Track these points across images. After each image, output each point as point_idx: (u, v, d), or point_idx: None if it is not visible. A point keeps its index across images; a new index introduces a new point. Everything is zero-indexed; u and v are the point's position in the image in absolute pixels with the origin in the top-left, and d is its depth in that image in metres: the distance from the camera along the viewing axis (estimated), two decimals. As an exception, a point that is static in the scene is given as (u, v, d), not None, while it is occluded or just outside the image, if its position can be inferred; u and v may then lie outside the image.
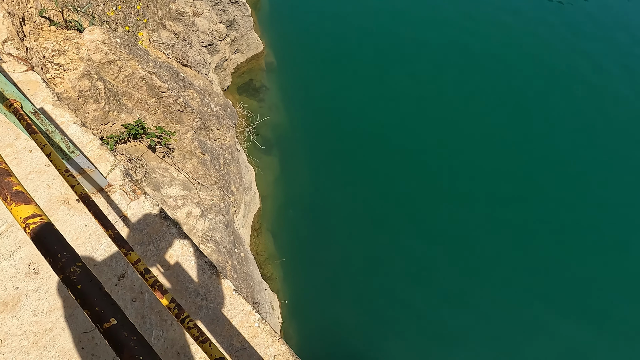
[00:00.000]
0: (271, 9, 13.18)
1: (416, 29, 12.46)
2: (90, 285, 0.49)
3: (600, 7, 13.82)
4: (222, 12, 9.70)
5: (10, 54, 2.71)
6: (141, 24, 5.55)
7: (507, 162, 9.72)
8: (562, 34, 12.67)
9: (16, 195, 0.51)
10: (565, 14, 13.43)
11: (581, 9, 13.73)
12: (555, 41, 12.45)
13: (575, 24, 13.10)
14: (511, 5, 13.61)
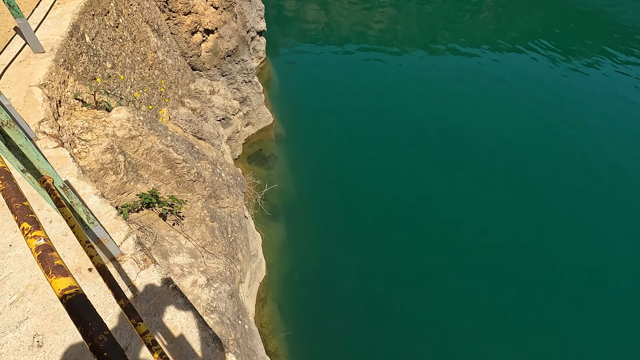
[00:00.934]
0: (281, 86, 14.35)
1: (413, 101, 13.32)
2: (115, 353, 0.53)
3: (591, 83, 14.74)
4: (236, 90, 10.58)
5: (44, 132, 2.99)
6: (163, 102, 6.08)
7: (507, 228, 9.62)
8: (551, 105, 13.40)
9: (57, 268, 0.58)
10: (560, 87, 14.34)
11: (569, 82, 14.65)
12: (546, 112, 13.11)
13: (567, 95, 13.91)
14: (500, 77, 14.65)
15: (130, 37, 5.87)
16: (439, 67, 15.45)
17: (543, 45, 16.72)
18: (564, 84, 14.47)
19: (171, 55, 7.77)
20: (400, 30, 18.32)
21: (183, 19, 8.28)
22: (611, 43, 17.02)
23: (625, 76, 15.03)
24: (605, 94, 14.02)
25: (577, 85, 14.41)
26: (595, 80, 14.71)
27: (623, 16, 19.22)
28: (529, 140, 11.95)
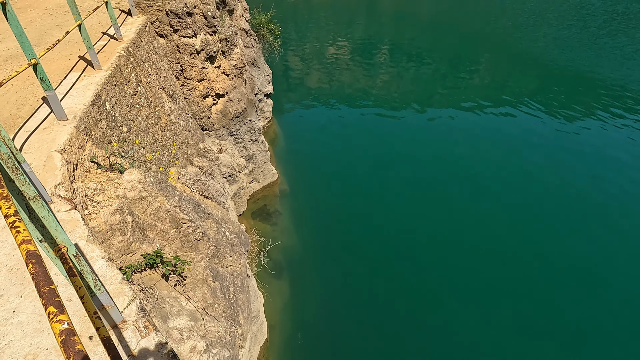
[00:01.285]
0: (286, 144, 14.90)
1: (412, 158, 13.67)
2: None
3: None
4: (243, 148, 11.00)
5: (59, 196, 3.12)
6: (173, 162, 6.33)
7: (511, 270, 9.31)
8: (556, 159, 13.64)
9: (77, 353, 0.62)
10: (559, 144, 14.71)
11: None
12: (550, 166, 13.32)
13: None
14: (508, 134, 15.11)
15: (147, 102, 6.31)
16: (438, 124, 16.10)
17: (536, 104, 17.51)
18: (557, 140, 14.90)
19: (183, 117, 8.24)
20: (400, 91, 19.41)
21: (196, 85, 8.92)
22: (600, 101, 17.81)
23: (615, 132, 15.49)
24: (598, 149, 14.35)
25: (571, 141, 14.82)
26: (588, 136, 15.15)
27: (609, 76, 20.34)
28: (518, 195, 12.02)
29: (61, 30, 6.60)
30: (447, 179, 12.70)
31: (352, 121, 16.32)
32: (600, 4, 36.83)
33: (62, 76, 5.02)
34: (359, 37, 27.82)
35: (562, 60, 22.92)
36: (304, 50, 24.82)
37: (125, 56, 5.91)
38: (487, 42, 26.56)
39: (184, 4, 7.81)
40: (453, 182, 12.58)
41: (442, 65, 22.63)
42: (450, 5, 36.96)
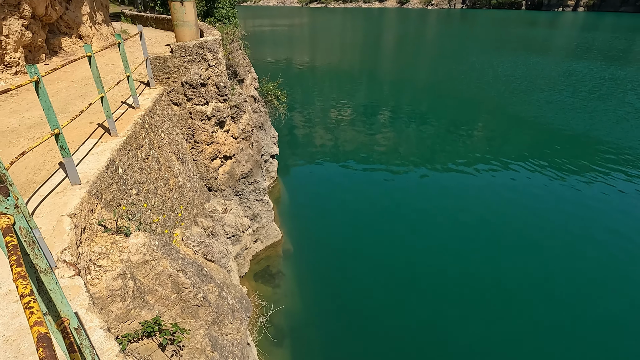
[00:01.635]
0: (291, 203, 15.03)
1: (416, 216, 13.63)
2: None
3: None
4: (248, 208, 11.10)
5: (64, 261, 3.13)
6: (178, 223, 6.39)
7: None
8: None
9: None
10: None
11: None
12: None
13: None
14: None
15: (157, 165, 6.56)
16: (438, 183, 16.30)
17: (533, 164, 17.84)
18: (554, 198, 14.90)
19: (191, 178, 8.48)
20: (401, 151, 19.99)
21: (205, 148, 9.31)
22: (597, 162, 18.11)
23: (617, 192, 15.52)
24: (601, 209, 14.26)
25: (569, 200, 14.81)
26: (588, 195, 15.16)
27: (605, 138, 20.93)
28: (523, 256, 11.72)
29: (84, 100, 7.12)
30: (450, 235, 12.54)
31: (356, 181, 16.61)
32: (586, 71, 39.28)
33: (80, 142, 5.31)
34: (360, 101, 29.45)
35: (556, 122, 23.84)
36: (308, 113, 26.18)
37: (141, 123, 6.29)
38: (482, 106, 27.92)
39: (198, 76, 8.49)
40: (456, 237, 12.42)
41: (441, 127, 23.57)
42: (445, 72, 39.61)
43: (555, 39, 71.25)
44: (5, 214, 1.26)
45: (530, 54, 50.77)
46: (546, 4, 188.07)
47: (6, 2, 7.75)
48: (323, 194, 15.55)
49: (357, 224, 13.33)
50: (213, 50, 8.74)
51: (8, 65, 7.91)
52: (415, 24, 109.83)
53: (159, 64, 8.20)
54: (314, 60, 48.76)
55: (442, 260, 11.47)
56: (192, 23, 10.17)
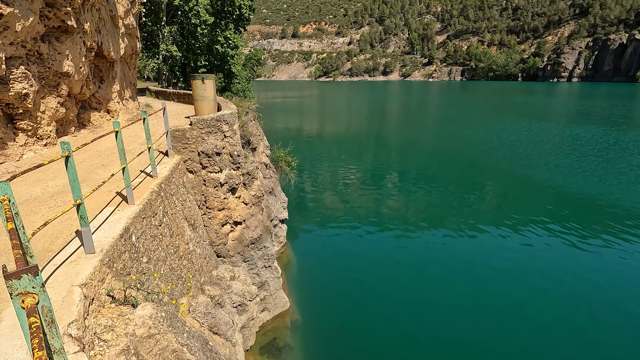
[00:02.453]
0: (299, 270, 14.66)
1: (427, 284, 13.05)
2: None
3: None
4: (256, 275, 10.86)
5: (70, 335, 3.07)
6: (185, 292, 6.26)
7: None
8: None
9: None
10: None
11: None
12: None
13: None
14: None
15: (169, 232, 6.65)
16: (448, 249, 15.89)
17: (544, 229, 17.43)
18: (570, 265, 14.26)
19: (200, 245, 8.49)
20: (410, 215, 19.87)
21: (217, 214, 9.46)
22: (609, 226, 17.63)
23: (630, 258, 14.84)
24: (614, 276, 13.53)
25: (583, 265, 14.14)
26: (605, 261, 14.50)
27: (620, 203, 20.62)
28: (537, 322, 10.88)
29: (106, 169, 7.51)
30: (462, 304, 11.86)
31: (365, 246, 16.32)
32: (590, 135, 40.23)
33: (98, 210, 5.49)
34: (368, 166, 30.19)
35: (566, 186, 23.81)
36: (318, 178, 26.78)
37: (157, 191, 6.54)
38: (490, 170, 28.29)
39: (214, 145, 8.98)
40: (467, 306, 11.71)
41: (448, 191, 23.68)
42: (451, 138, 40.96)
43: (555, 106, 74.38)
44: (32, 293, 1.31)
45: (532, 120, 52.69)
46: (541, 75, 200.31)
47: (47, 83, 8.64)
48: (332, 260, 15.22)
49: (368, 293, 12.79)
50: (229, 122, 9.35)
51: (40, 138, 8.53)
52: (418, 94, 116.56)
53: (178, 135, 8.75)
54: (323, 128, 51.26)
55: (454, 331, 10.71)
56: (211, 98, 11.06)
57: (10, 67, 7.15)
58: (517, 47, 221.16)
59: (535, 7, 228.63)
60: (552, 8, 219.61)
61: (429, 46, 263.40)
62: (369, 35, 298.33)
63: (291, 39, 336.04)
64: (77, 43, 9.09)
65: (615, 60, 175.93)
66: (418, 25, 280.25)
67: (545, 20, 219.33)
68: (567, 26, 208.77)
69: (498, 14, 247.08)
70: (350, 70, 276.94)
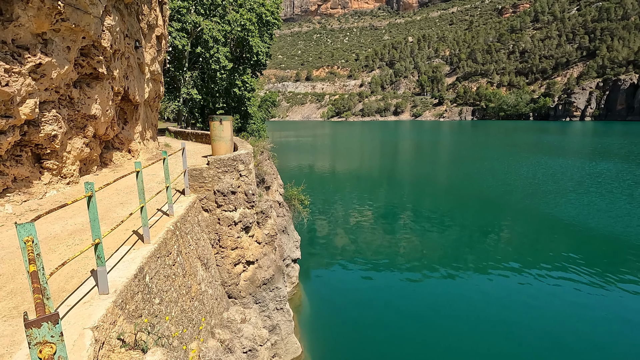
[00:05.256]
0: (312, 312, 14.13)
1: (443, 325, 12.33)
2: None
3: None
4: (267, 317, 10.50)
5: (78, 383, 2.95)
6: (196, 336, 6.06)
7: None
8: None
9: None
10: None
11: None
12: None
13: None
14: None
15: (182, 272, 6.58)
16: (465, 289, 15.17)
17: (569, 270, 16.56)
18: (593, 310, 13.30)
19: (212, 285, 8.34)
20: (424, 255, 19.28)
21: (230, 253, 9.38)
22: (636, 267, 16.66)
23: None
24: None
25: (611, 311, 13.18)
26: (626, 305, 13.52)
27: (647, 244, 19.61)
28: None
29: (124, 207, 7.64)
30: (480, 343, 11.06)
31: (379, 287, 15.75)
32: (611, 172, 39.29)
33: (115, 249, 5.51)
34: (381, 204, 29.92)
35: (591, 224, 22.94)
36: (330, 216, 26.58)
37: (172, 230, 6.57)
38: (507, 208, 27.64)
39: (230, 184, 9.11)
40: (486, 345, 10.89)
41: (465, 230, 23.07)
42: (466, 176, 40.60)
43: (570, 144, 73.69)
44: (50, 342, 1.28)
45: (550, 157, 52.10)
46: (553, 115, 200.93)
47: (75, 125, 9.10)
48: (346, 301, 14.66)
49: (382, 337, 12.13)
50: (245, 162, 9.54)
51: (63, 177, 8.83)
52: (430, 133, 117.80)
53: (196, 174, 8.94)
54: (336, 166, 51.75)
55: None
56: (228, 138, 11.40)
57: (42, 110, 7.59)
58: (527, 88, 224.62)
59: (543, 50, 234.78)
60: (559, 51, 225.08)
61: (439, 87, 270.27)
62: (380, 77, 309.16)
63: (305, 82, 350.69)
64: (105, 88, 9.67)
65: (628, 99, 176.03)
66: (427, 68, 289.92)
67: (553, 62, 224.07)
68: (576, 67, 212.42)
69: (506, 57, 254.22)
70: (362, 110, 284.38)
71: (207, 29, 25.36)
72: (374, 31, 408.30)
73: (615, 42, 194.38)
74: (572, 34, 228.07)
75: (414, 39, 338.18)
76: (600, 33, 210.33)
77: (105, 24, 8.91)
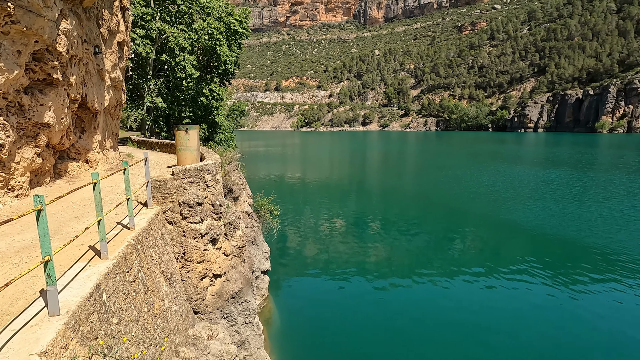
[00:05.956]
0: (282, 324, 13.87)
1: (415, 330, 12.54)
2: None
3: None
4: (235, 332, 10.18)
5: (22, 415, 2.68)
6: (157, 355, 5.73)
7: None
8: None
9: None
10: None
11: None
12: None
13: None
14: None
15: (144, 289, 6.24)
16: (434, 294, 15.56)
17: (528, 272, 17.47)
18: (547, 307, 14.15)
19: (177, 301, 7.98)
20: (393, 262, 19.61)
21: (196, 266, 9.04)
22: (594, 266, 17.88)
23: (615, 297, 14.91)
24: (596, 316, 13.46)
25: (567, 310, 14.06)
26: (584, 305, 14.48)
27: (597, 243, 21.11)
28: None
29: (80, 221, 7.18)
30: (453, 351, 11.33)
31: (350, 296, 15.78)
32: (561, 180, 42.15)
33: (68, 266, 5.14)
34: (351, 213, 30.19)
35: (546, 228, 24.38)
36: (300, 226, 26.44)
37: (133, 244, 6.24)
38: (471, 215, 28.82)
39: (196, 195, 8.83)
40: (457, 349, 11.20)
41: (432, 237, 23.75)
42: (432, 184, 42.01)
43: (526, 153, 78.56)
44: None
45: (508, 166, 55.14)
46: (509, 126, 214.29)
47: (25, 133, 8.50)
48: (316, 312, 14.53)
49: (354, 346, 12.11)
50: (212, 172, 9.31)
51: (11, 189, 8.18)
52: (397, 143, 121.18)
53: (159, 185, 8.60)
54: (306, 176, 51.78)
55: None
56: (194, 148, 11.09)
57: (-12, 118, 7.03)
58: (486, 101, 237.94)
59: (499, 66, 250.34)
60: (514, 67, 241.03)
61: (405, 99, 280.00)
62: (349, 89, 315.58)
63: (274, 92, 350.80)
64: (60, 95, 9.14)
65: (575, 112, 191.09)
66: (393, 80, 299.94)
67: (509, 77, 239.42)
68: (528, 82, 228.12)
69: (466, 71, 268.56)
70: (331, 120, 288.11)
71: (173, 36, 24.80)
72: (342, 44, 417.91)
73: (562, 60, 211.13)
74: (524, 51, 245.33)
75: (381, 52, 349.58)
76: (549, 51, 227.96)
77: (61, 28, 8.47)
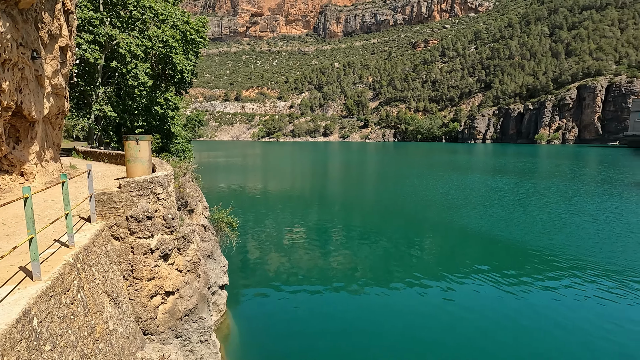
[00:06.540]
0: (241, 342, 13.41)
1: (377, 338, 12.72)
2: None
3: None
4: (189, 352, 9.69)
5: None
6: (98, 384, 5.28)
7: None
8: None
9: None
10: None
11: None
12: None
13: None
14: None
15: (84, 311, 5.77)
16: (395, 301, 15.90)
17: (478, 274, 18.47)
18: (509, 309, 15.09)
19: (123, 322, 7.46)
20: (355, 270, 19.80)
21: (145, 284, 8.53)
22: (536, 269, 19.29)
23: (556, 295, 16.19)
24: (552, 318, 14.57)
25: (515, 308, 15.06)
26: (528, 302, 15.60)
27: (539, 246, 22.80)
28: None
29: (10, 239, 6.52)
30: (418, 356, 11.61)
31: (312, 309, 15.66)
32: (507, 187, 45.27)
33: (-8, 291, 4.63)
34: (312, 223, 30.20)
35: (495, 232, 25.95)
36: (261, 238, 25.97)
37: (72, 263, 5.77)
38: (427, 222, 30.01)
39: (145, 209, 8.39)
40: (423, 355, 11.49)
41: (391, 245, 24.36)
42: (390, 193, 43.28)
43: (476, 163, 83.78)
44: None
45: (460, 175, 58.32)
46: (461, 137, 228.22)
47: (-54, 144, 7.64)
48: (277, 326, 14.24)
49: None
50: (163, 184, 8.92)
51: None
52: (357, 153, 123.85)
53: (104, 199, 8.08)
54: (266, 187, 51.18)
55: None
56: (145, 159, 10.59)
57: None
58: (439, 113, 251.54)
59: (450, 81, 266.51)
60: (463, 82, 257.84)
61: (364, 111, 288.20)
62: (309, 100, 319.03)
63: (234, 102, 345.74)
64: (-10, 102, 8.35)
65: (517, 125, 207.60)
66: (353, 92, 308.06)
67: (459, 92, 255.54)
68: (477, 97, 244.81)
69: (420, 85, 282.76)
70: (293, 131, 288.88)
71: (124, 43, 23.70)
72: (302, 55, 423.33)
73: (505, 77, 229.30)
74: (472, 68, 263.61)
75: (340, 65, 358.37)
76: (494, 69, 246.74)
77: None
